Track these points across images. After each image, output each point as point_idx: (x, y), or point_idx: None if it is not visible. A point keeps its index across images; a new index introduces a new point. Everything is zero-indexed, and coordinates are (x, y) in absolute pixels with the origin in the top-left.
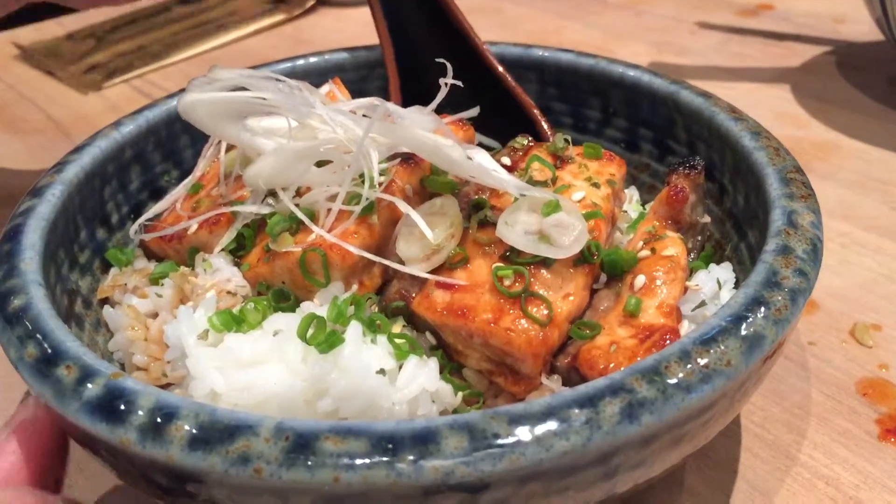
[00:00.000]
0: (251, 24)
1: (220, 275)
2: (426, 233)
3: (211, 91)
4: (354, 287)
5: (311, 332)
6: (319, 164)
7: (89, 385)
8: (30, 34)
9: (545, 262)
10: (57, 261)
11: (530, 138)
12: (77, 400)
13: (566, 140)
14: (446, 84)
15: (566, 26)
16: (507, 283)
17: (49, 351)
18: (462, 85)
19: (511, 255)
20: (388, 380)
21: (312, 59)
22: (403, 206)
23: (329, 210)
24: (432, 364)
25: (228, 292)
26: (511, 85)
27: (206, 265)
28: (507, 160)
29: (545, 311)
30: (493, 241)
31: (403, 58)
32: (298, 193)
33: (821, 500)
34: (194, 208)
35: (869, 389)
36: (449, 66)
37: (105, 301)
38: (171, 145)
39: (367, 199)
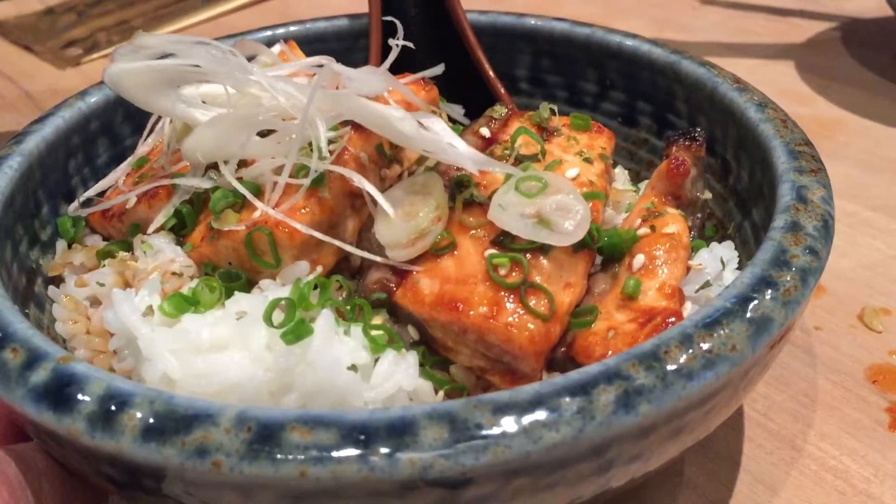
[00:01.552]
0: None
1: (162, 256)
2: (387, 211)
3: (138, 60)
4: (319, 269)
5: (277, 316)
6: (263, 133)
7: (36, 370)
8: (7, 8)
9: (543, 249)
10: (14, 237)
11: (510, 106)
12: (23, 386)
13: (552, 110)
14: (397, 45)
15: (561, 0)
16: (502, 272)
17: None
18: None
19: (504, 241)
20: (362, 376)
21: (293, 28)
22: (357, 179)
23: (276, 184)
24: (411, 359)
25: (174, 273)
26: (483, 66)
27: (145, 247)
28: (485, 131)
29: (546, 304)
30: (482, 224)
31: (388, 26)
32: (246, 165)
33: (829, 493)
34: (137, 184)
35: (879, 376)
36: (400, 26)
37: (61, 280)
38: (141, 117)
39: (315, 170)
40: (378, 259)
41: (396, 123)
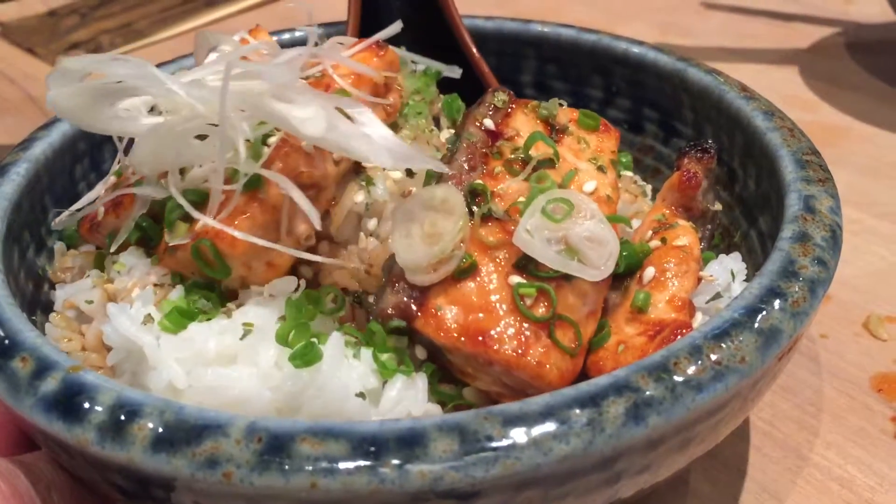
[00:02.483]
0: (241, 1)
1: (137, 272)
2: (311, 216)
3: (69, 83)
4: (303, 283)
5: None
6: (203, 137)
7: (46, 379)
8: (10, 10)
9: (566, 276)
10: (21, 244)
11: (510, 92)
12: (32, 395)
13: (561, 105)
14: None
15: (565, 5)
16: (528, 302)
17: (4, 341)
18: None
19: (527, 265)
20: (370, 400)
21: (298, 34)
22: (282, 183)
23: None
24: (420, 384)
25: (155, 285)
26: (470, 49)
27: (118, 266)
28: (489, 123)
29: (573, 338)
30: (502, 244)
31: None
32: None
33: (835, 503)
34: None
35: (884, 385)
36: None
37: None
38: None
39: (245, 174)
40: (332, 262)
41: (298, 126)
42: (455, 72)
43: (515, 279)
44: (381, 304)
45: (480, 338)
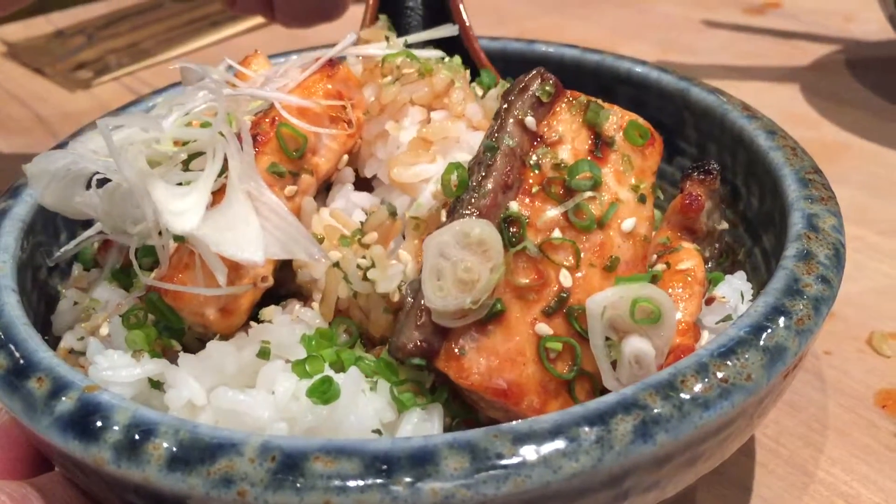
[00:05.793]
0: (246, 21)
1: (111, 305)
2: (217, 273)
3: (43, 180)
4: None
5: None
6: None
7: (62, 399)
8: (18, 31)
9: None
10: (34, 265)
11: (557, 81)
12: (48, 415)
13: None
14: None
15: (567, 24)
16: (552, 355)
17: (20, 362)
18: None
19: (556, 313)
20: (387, 434)
21: (294, 57)
22: (199, 246)
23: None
24: (436, 420)
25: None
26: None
27: (92, 303)
28: (531, 120)
29: (590, 391)
30: (533, 287)
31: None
32: None
33: None
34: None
35: (888, 401)
36: None
37: None
38: None
39: (165, 243)
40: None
41: (168, 220)
42: (452, 30)
43: (543, 328)
44: (402, 338)
45: (502, 388)
